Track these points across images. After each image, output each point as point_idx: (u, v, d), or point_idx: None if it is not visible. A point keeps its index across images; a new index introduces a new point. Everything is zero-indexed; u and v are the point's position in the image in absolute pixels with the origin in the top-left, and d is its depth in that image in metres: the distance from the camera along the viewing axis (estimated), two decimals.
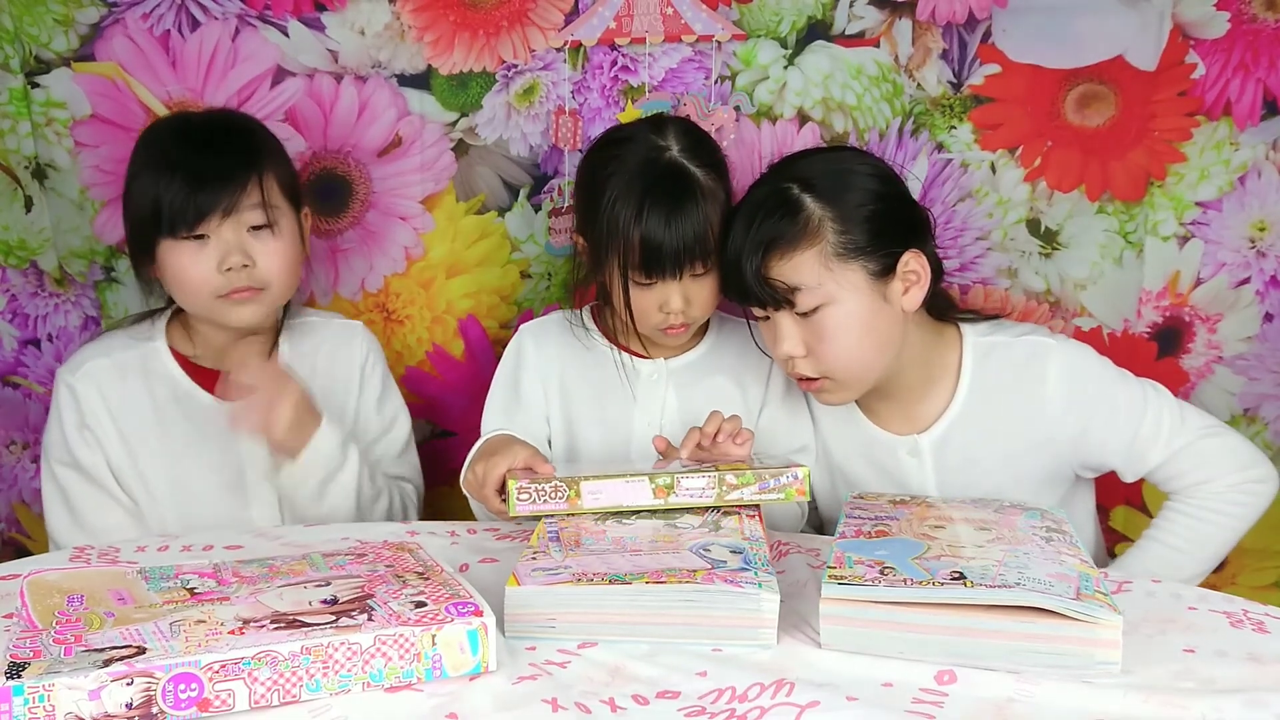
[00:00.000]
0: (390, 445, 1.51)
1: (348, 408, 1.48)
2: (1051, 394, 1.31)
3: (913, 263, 1.27)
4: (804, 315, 1.26)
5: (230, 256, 1.33)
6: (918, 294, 1.28)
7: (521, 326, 1.50)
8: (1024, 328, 1.38)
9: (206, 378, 1.42)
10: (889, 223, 1.27)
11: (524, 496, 1.14)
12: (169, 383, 1.43)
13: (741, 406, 1.43)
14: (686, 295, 1.34)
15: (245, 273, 1.35)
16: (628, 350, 1.45)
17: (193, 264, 1.34)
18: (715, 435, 1.24)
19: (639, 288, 1.33)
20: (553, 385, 1.46)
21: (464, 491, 1.32)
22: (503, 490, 1.21)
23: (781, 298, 1.26)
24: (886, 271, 1.26)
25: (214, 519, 1.40)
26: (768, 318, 1.30)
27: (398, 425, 1.52)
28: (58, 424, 1.42)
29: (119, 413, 1.41)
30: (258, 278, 1.36)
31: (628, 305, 1.34)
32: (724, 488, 1.15)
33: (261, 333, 1.45)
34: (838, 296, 1.25)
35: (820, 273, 1.24)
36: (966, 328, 1.36)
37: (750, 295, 1.28)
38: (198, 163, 1.33)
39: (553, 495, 1.14)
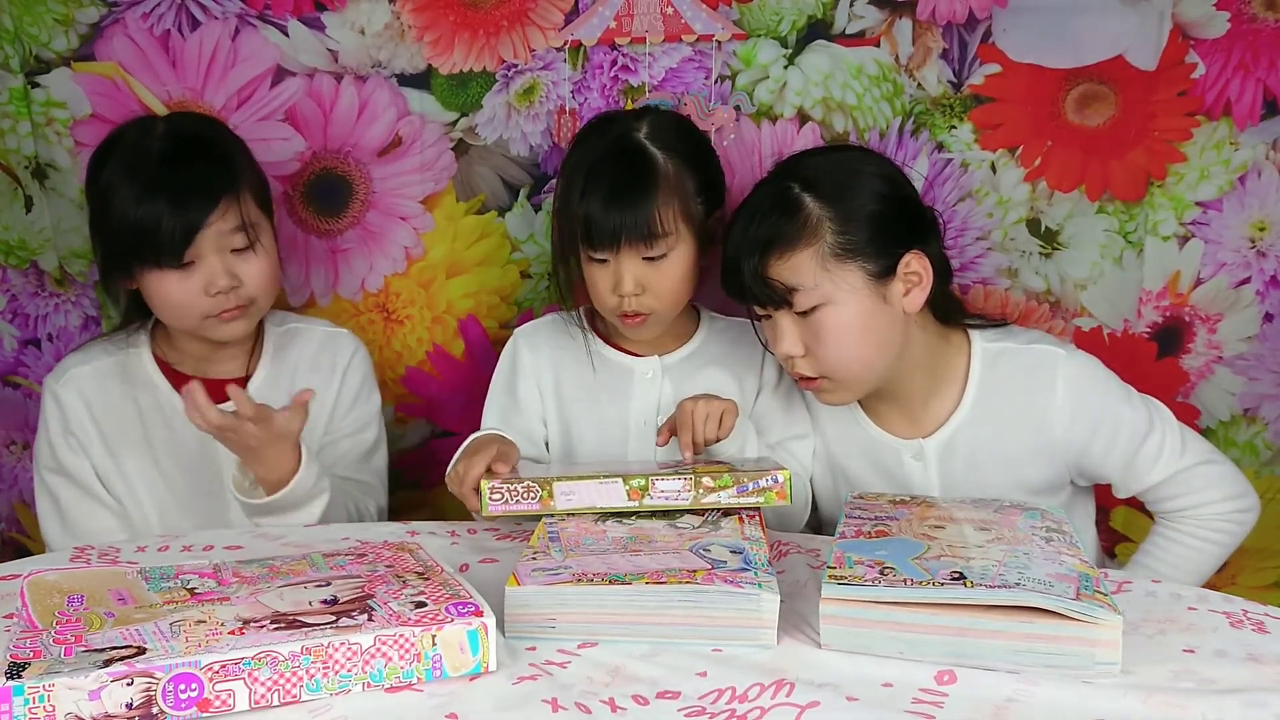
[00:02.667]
0: (356, 446, 1.50)
1: (324, 405, 1.48)
2: (1059, 404, 1.31)
3: (914, 264, 1.27)
4: (802, 315, 1.26)
5: (218, 280, 1.34)
6: (919, 295, 1.28)
7: (516, 330, 1.51)
8: (1032, 335, 1.38)
9: (185, 383, 1.40)
10: (890, 224, 1.27)
11: (496, 496, 1.14)
12: (150, 389, 1.44)
13: (737, 397, 1.43)
14: (640, 279, 1.34)
15: (233, 294, 1.36)
16: (622, 349, 1.45)
17: (179, 290, 1.34)
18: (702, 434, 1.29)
19: (593, 264, 1.35)
20: (548, 387, 1.46)
21: (449, 489, 1.31)
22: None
23: (779, 297, 1.26)
24: (887, 272, 1.26)
25: (193, 523, 1.42)
26: (769, 316, 1.30)
27: (368, 430, 1.51)
28: (45, 432, 1.43)
29: (102, 417, 1.42)
30: (245, 295, 1.37)
31: (582, 276, 1.36)
32: (700, 490, 1.14)
33: (243, 341, 1.46)
34: (835, 297, 1.24)
35: (818, 273, 1.24)
36: (974, 333, 1.36)
37: (749, 294, 1.29)
38: (177, 190, 1.31)
39: (525, 496, 1.14)
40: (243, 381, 1.45)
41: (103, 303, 1.63)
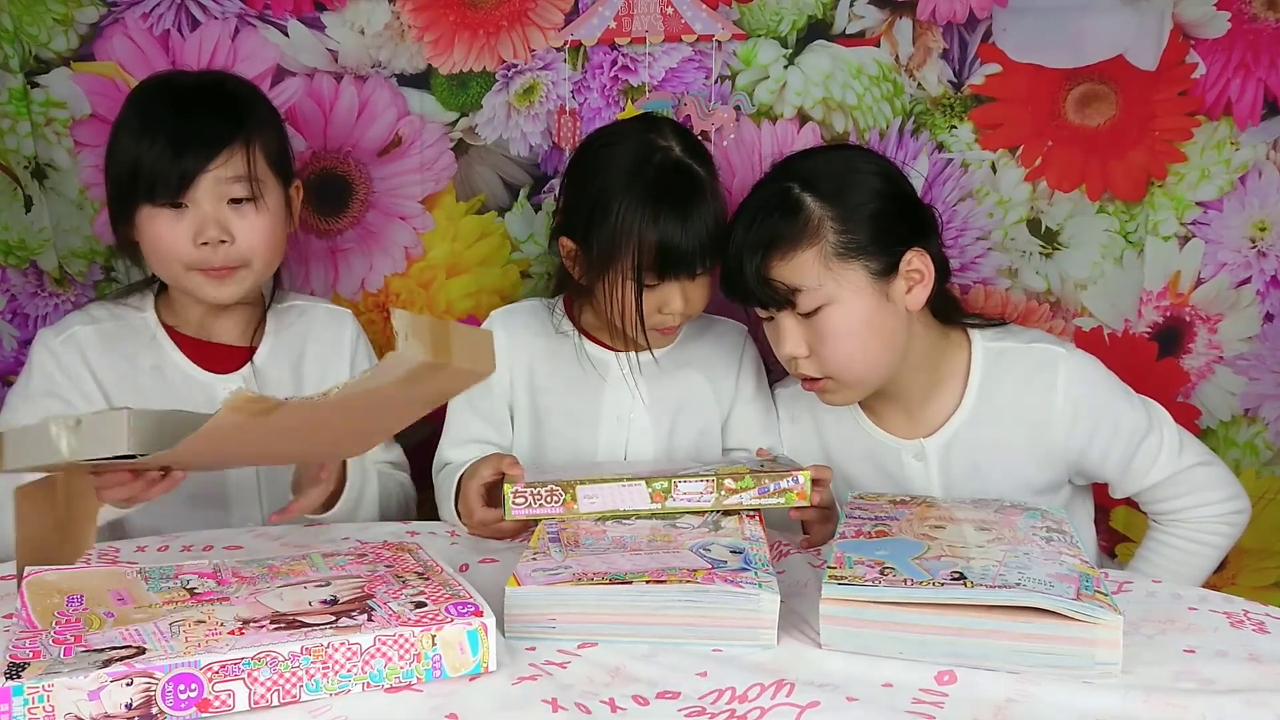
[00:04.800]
0: None
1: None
2: (1060, 404, 1.31)
3: (916, 261, 1.27)
4: (806, 316, 1.26)
5: (207, 230, 1.30)
6: (921, 293, 1.28)
7: (493, 313, 1.49)
8: (1033, 334, 1.38)
9: (190, 346, 1.41)
10: (891, 222, 1.26)
11: (520, 500, 1.15)
12: (154, 349, 1.40)
13: (712, 401, 1.44)
14: (686, 295, 1.34)
15: (223, 249, 1.31)
16: (599, 343, 1.44)
17: (169, 232, 1.30)
18: None
19: (644, 289, 1.32)
20: (520, 374, 1.43)
21: (472, 532, 1.30)
22: (492, 501, 1.21)
23: (782, 298, 1.26)
24: (889, 271, 1.26)
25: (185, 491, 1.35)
26: (771, 318, 1.30)
27: None
28: (24, 385, 1.36)
29: (104, 379, 1.37)
30: (235, 254, 1.33)
31: (639, 308, 1.31)
32: (722, 492, 1.15)
33: (245, 310, 1.44)
34: (839, 297, 1.24)
35: (821, 273, 1.24)
36: (974, 332, 1.36)
37: (751, 296, 1.28)
38: (182, 127, 1.29)
39: (549, 499, 1.15)
40: (247, 352, 1.43)
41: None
